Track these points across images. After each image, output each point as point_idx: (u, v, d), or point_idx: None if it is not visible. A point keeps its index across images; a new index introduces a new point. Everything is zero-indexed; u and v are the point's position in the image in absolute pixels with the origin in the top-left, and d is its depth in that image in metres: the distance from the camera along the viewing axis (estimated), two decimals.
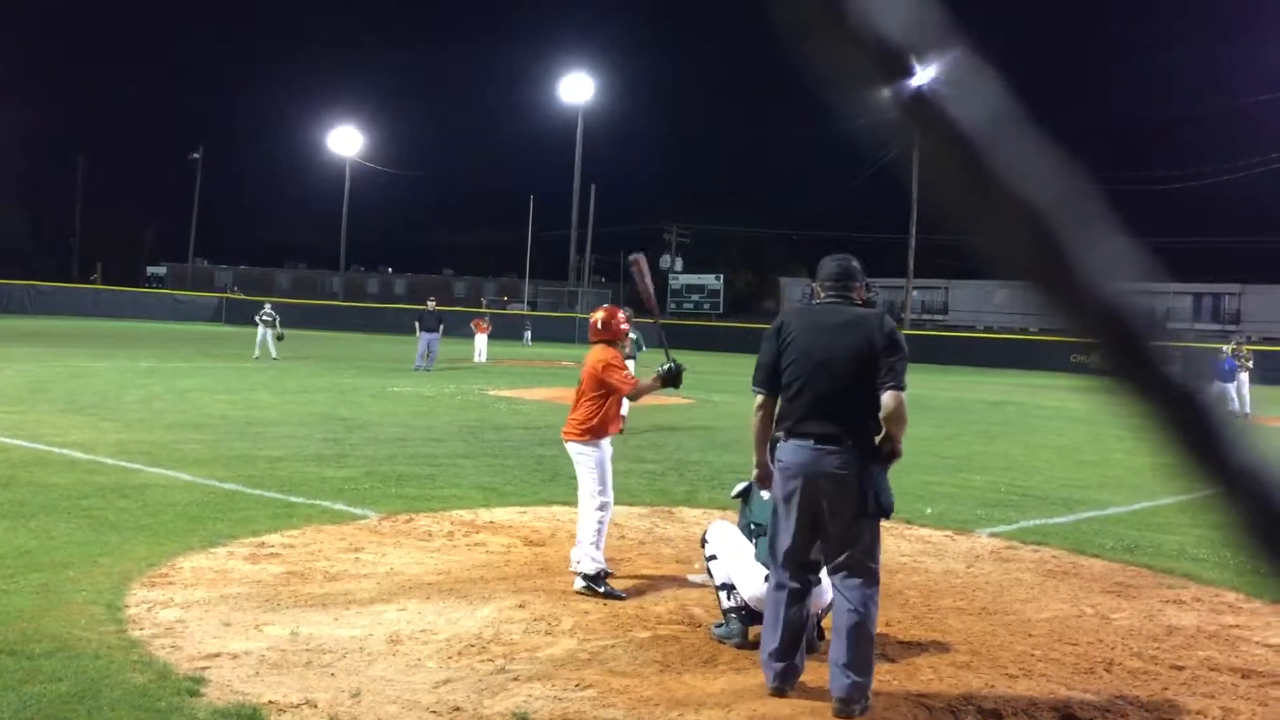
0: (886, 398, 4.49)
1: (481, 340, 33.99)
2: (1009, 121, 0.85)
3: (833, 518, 4.55)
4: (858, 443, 4.52)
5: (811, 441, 4.54)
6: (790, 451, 4.61)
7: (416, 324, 28.65)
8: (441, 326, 28.43)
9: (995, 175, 0.84)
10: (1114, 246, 0.86)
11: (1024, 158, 0.85)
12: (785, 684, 4.63)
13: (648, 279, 6.58)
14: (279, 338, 29.40)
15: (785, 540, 4.67)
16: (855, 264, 4.82)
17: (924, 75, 0.83)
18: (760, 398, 4.80)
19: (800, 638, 4.69)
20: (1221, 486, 0.86)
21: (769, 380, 4.75)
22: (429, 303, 29.65)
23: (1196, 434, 0.87)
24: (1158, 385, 0.87)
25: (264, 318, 29.65)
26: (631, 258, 6.68)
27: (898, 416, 4.50)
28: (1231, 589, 6.78)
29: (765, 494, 5.08)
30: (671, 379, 6.25)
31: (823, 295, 4.78)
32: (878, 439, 4.57)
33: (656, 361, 6.57)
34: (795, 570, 4.70)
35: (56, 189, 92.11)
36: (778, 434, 4.71)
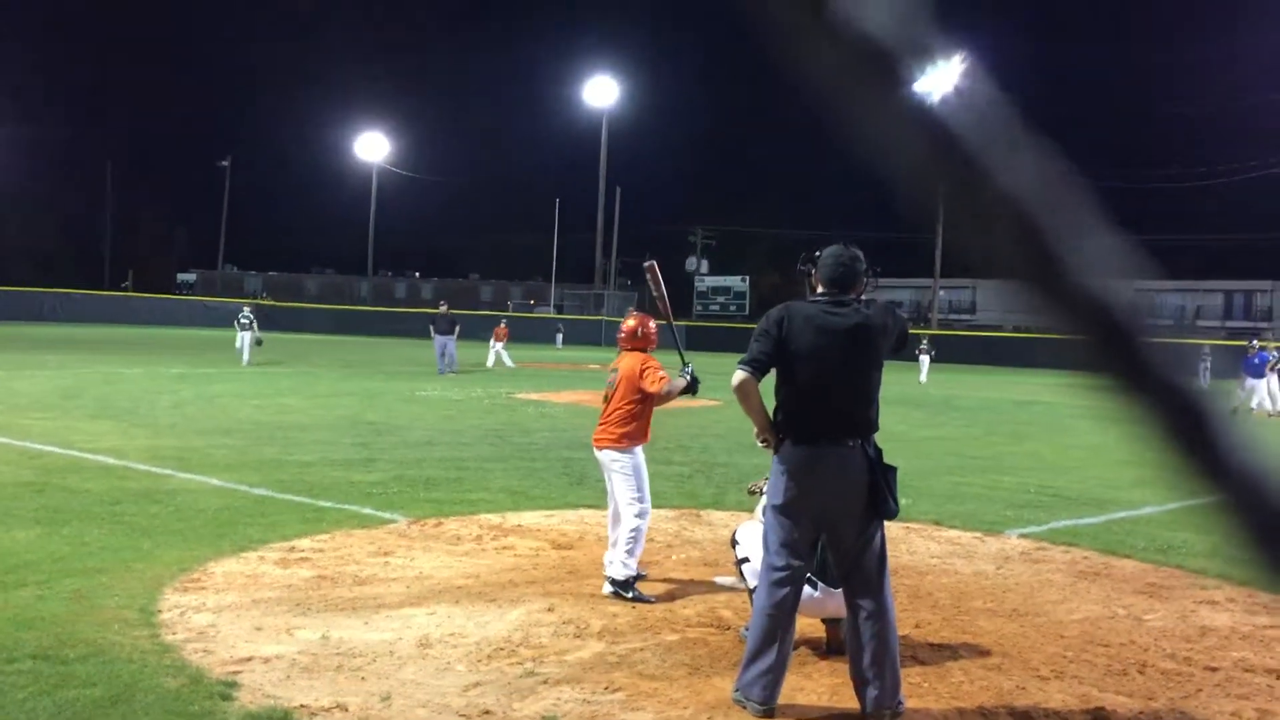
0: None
1: (497, 346, 33.94)
2: (1000, 122, 0.84)
3: (845, 522, 4.46)
4: (869, 445, 4.49)
5: (825, 446, 4.45)
6: (800, 456, 4.49)
7: (430, 328, 28.75)
8: (456, 329, 28.44)
9: (984, 174, 0.83)
10: (1103, 244, 0.84)
11: (1013, 156, 0.83)
12: (771, 697, 4.39)
13: (662, 285, 6.62)
14: (258, 342, 28.95)
15: (789, 543, 4.49)
16: (860, 263, 4.61)
17: (921, 80, 0.81)
18: (744, 376, 4.49)
19: (791, 623, 4.51)
20: (1214, 486, 0.85)
21: (763, 370, 4.52)
22: (440, 306, 29.72)
23: (1188, 432, 0.85)
24: (1147, 383, 0.85)
25: (241, 321, 29.33)
26: (646, 264, 6.71)
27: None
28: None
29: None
30: (692, 387, 6.29)
31: (821, 292, 4.60)
32: None
33: (669, 364, 6.57)
34: (792, 555, 4.51)
35: (87, 197, 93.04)
36: (783, 440, 4.53)
